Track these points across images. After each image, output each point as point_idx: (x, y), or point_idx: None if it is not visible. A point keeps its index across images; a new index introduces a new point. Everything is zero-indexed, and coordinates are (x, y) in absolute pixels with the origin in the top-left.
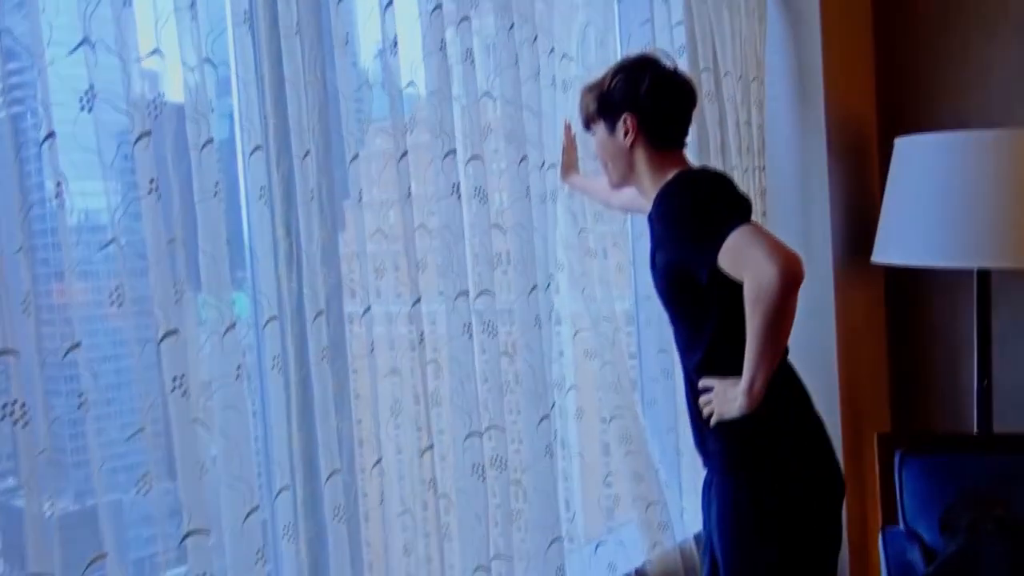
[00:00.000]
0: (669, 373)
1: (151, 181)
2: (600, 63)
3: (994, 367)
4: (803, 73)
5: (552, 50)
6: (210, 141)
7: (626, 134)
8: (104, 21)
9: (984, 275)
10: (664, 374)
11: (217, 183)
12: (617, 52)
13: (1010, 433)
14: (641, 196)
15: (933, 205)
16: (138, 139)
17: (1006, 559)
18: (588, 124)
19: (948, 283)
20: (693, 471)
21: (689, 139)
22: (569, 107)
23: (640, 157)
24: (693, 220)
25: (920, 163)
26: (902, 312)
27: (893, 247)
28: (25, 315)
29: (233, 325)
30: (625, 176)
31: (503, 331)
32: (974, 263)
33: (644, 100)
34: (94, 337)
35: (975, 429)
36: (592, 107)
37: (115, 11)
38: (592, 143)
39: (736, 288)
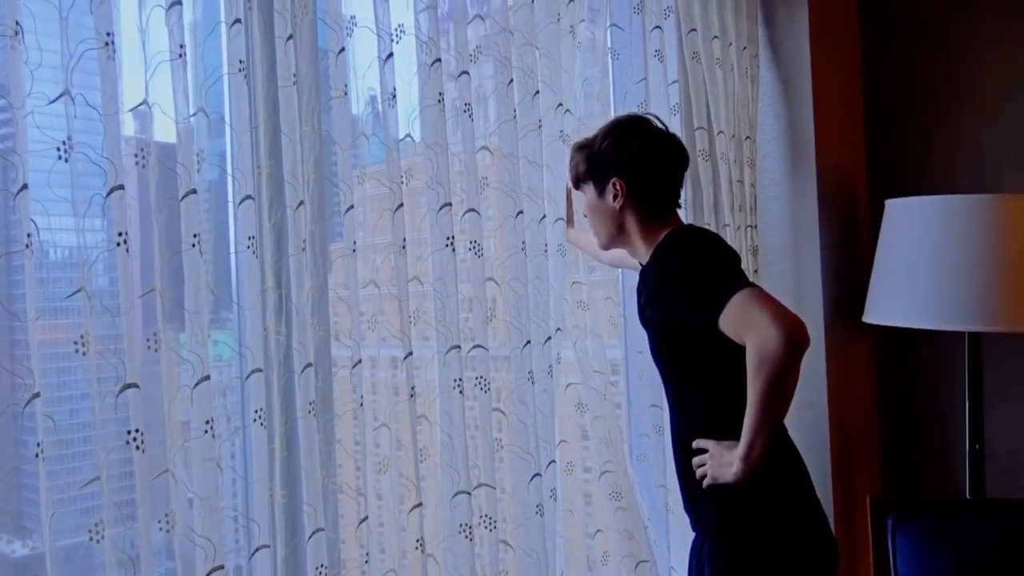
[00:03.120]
0: (660, 429)
1: (120, 234)
2: (596, 118)
3: (985, 430)
4: (795, 133)
5: (559, 105)
6: (192, 192)
7: (615, 197)
8: (87, 73)
9: (975, 337)
10: (655, 429)
11: (196, 235)
12: (612, 109)
13: (1004, 499)
14: (632, 256)
15: (924, 267)
16: (111, 191)
17: None
18: (577, 183)
19: (939, 344)
20: (682, 529)
21: (682, 199)
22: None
23: (630, 219)
24: (693, 280)
25: (911, 225)
26: (893, 372)
27: (884, 308)
28: None
29: (207, 377)
30: (613, 238)
31: (495, 386)
32: (965, 326)
33: (633, 165)
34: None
35: (967, 493)
36: (582, 168)
37: (100, 63)
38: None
39: (733, 348)
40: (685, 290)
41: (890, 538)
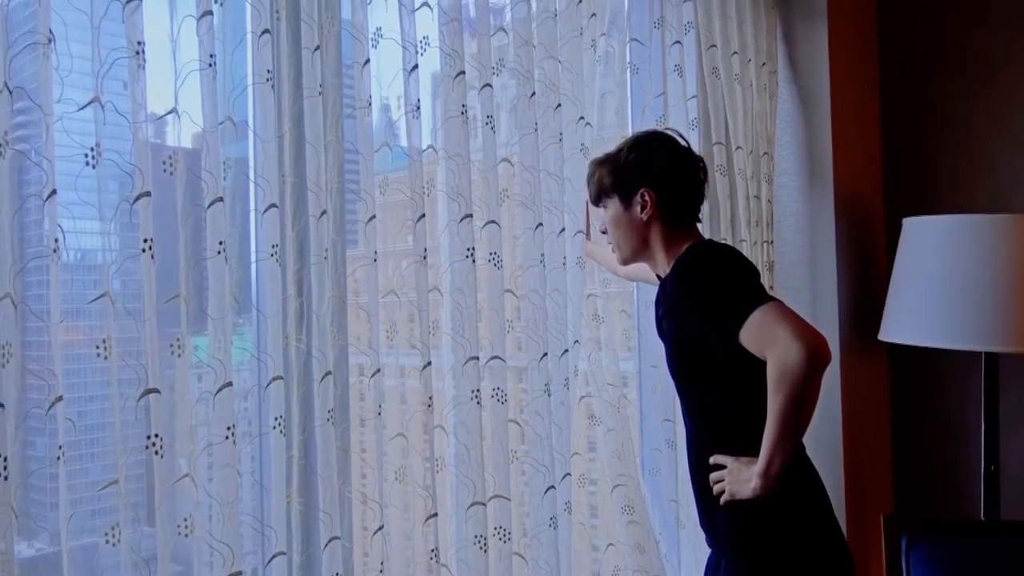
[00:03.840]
0: (672, 443)
1: (146, 240)
2: (615, 133)
3: (1001, 451)
4: (812, 150)
5: (581, 118)
6: (219, 200)
7: (643, 209)
8: (117, 80)
9: (992, 358)
10: (668, 443)
11: (221, 242)
12: (629, 123)
13: (1019, 521)
14: (652, 269)
15: (941, 286)
16: (138, 198)
17: None
18: (600, 198)
19: (955, 364)
20: (693, 544)
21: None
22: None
23: (655, 232)
24: (714, 293)
25: (928, 244)
26: (907, 391)
27: (900, 326)
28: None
29: (229, 384)
30: (637, 251)
31: (512, 397)
32: (981, 347)
33: (663, 176)
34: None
35: (982, 514)
36: (607, 181)
37: (130, 71)
38: (601, 215)
39: (751, 362)
40: (706, 303)
41: (904, 558)
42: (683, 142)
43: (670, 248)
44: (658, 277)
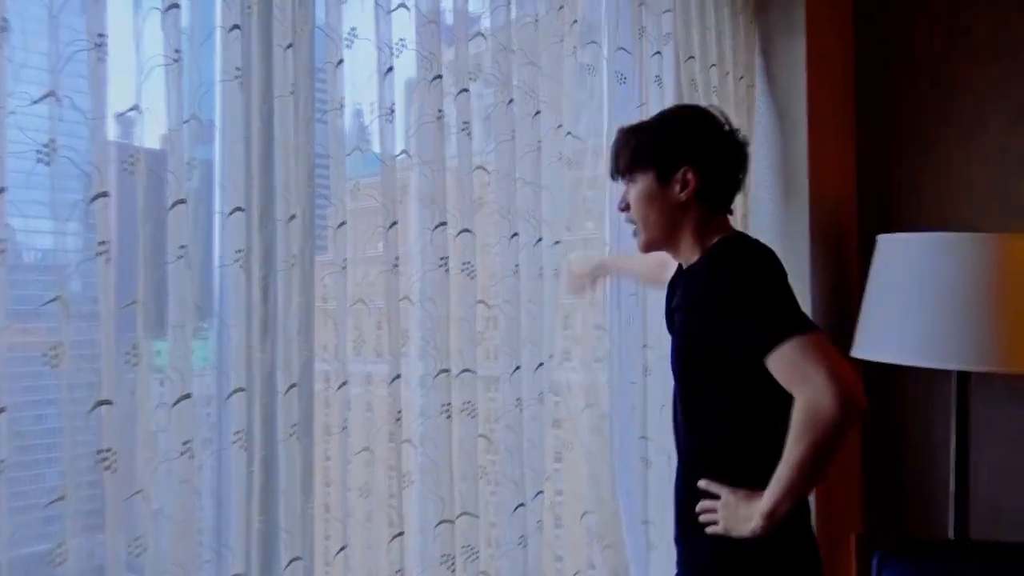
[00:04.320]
0: (647, 461)
1: (102, 243)
2: (596, 143)
3: (971, 469)
4: (788, 165)
5: (559, 126)
6: (181, 201)
7: (682, 188)
8: (76, 76)
9: (964, 376)
10: (643, 462)
11: (183, 246)
12: (604, 136)
13: (989, 541)
14: (674, 257)
15: (913, 304)
16: (95, 198)
17: None
18: (630, 170)
19: (927, 381)
20: (663, 567)
21: None
22: (568, 183)
23: (690, 217)
24: (749, 305)
25: (902, 261)
26: (880, 408)
27: (873, 343)
28: None
29: (187, 395)
30: (666, 235)
31: (482, 410)
32: (953, 365)
33: (709, 156)
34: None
35: (951, 533)
36: (641, 150)
37: (90, 65)
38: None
39: (766, 382)
40: (736, 310)
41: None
42: (727, 124)
43: (701, 237)
44: (680, 267)
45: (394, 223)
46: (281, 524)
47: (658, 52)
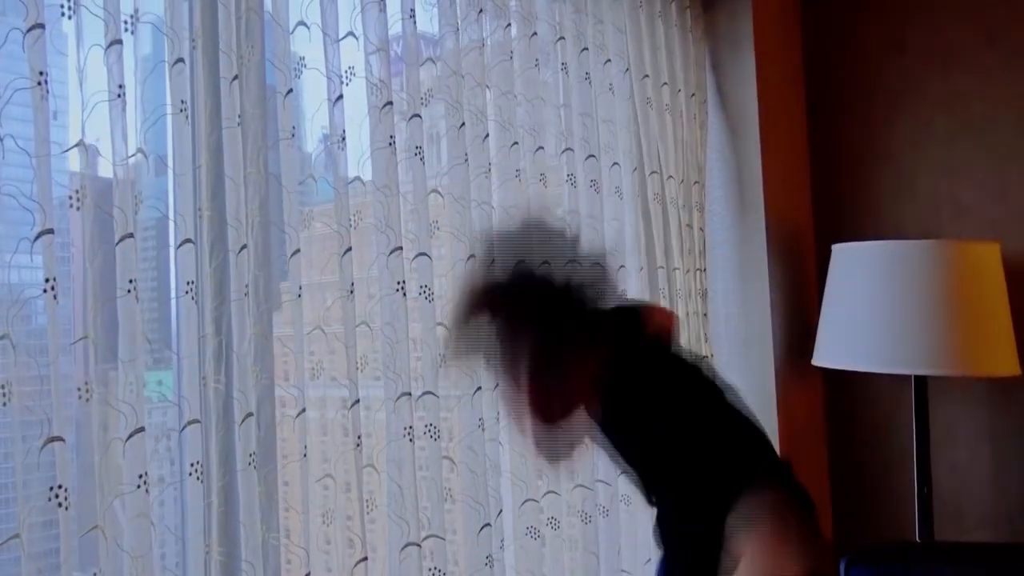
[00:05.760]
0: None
1: (48, 280)
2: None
3: (932, 472)
4: (743, 177)
5: (514, 143)
6: (129, 236)
7: None
8: (17, 119)
9: (921, 381)
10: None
11: (132, 280)
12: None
13: (954, 542)
14: None
15: (870, 311)
16: (39, 235)
17: None
18: None
19: (886, 387)
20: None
21: (632, 240)
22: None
23: None
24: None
25: (857, 270)
26: (842, 414)
27: (832, 351)
28: None
29: (141, 429)
30: None
31: (445, 431)
32: (910, 370)
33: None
34: None
35: (916, 535)
36: None
37: (33, 103)
38: None
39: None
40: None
41: None
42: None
43: None
44: None
45: (348, 249)
46: (242, 555)
47: (626, 70)
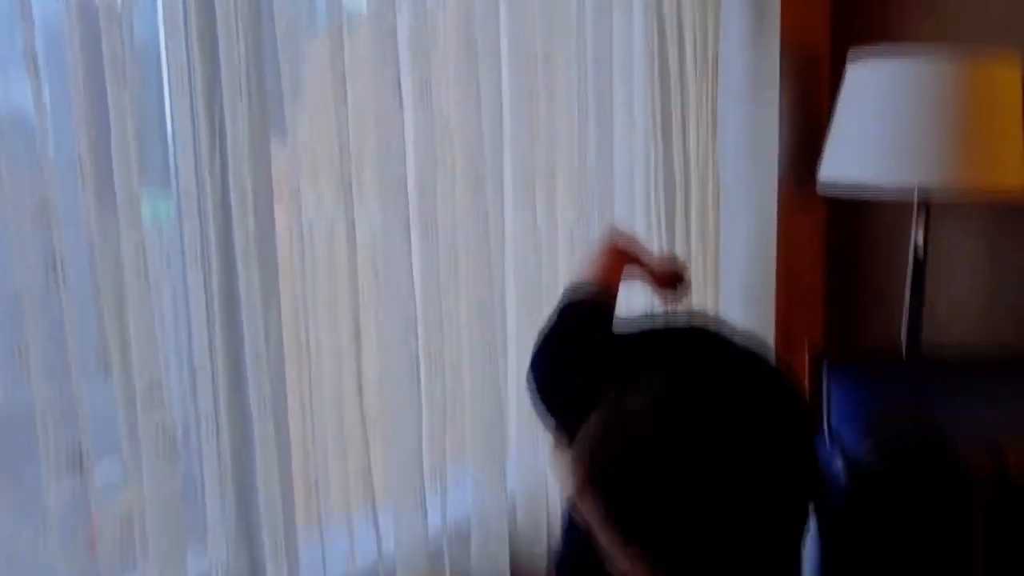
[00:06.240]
0: None
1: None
2: None
3: (926, 294)
4: None
5: None
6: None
7: None
8: None
9: (924, 204)
10: None
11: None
12: None
13: (937, 344)
14: None
15: (878, 125)
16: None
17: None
18: None
19: (890, 214)
20: None
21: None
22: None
23: None
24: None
25: (870, 88)
26: (844, 240)
27: (838, 165)
28: None
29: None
30: None
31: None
32: (915, 180)
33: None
34: None
35: (903, 349)
36: None
37: None
38: None
39: None
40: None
41: (824, 382)
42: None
43: None
44: None
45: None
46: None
47: None
